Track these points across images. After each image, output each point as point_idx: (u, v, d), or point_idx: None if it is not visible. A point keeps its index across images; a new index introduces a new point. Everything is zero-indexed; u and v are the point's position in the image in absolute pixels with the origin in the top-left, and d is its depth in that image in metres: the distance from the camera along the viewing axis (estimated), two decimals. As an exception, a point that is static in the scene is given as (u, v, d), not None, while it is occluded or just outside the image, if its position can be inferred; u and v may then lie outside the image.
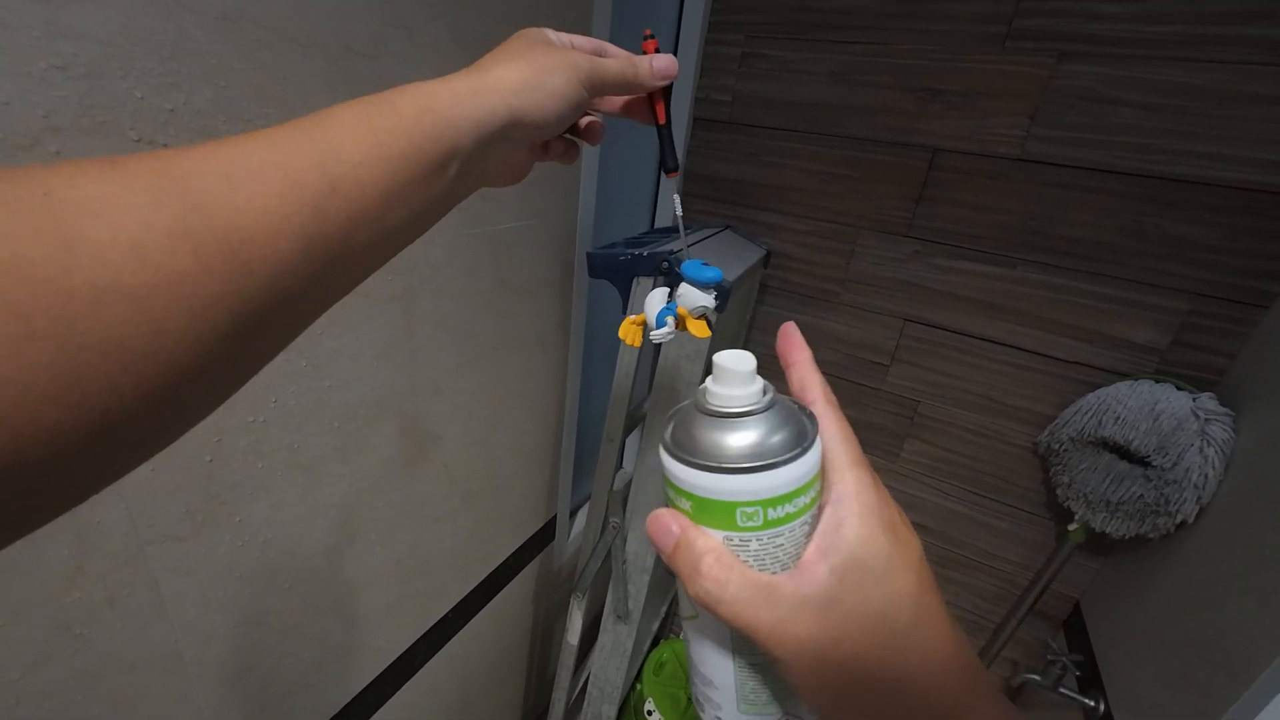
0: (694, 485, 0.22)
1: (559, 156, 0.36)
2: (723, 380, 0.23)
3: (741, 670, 0.25)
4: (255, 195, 0.17)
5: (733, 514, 0.22)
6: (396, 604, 0.85)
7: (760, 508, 0.21)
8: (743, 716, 0.25)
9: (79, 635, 0.47)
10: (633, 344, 0.39)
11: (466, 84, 0.25)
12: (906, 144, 1.07)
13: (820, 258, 1.22)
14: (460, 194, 0.27)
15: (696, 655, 0.26)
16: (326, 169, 0.19)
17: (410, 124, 0.22)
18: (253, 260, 0.17)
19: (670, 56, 0.34)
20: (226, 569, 0.58)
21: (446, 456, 0.86)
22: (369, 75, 0.56)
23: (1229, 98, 0.84)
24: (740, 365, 0.23)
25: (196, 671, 0.58)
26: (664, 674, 1.42)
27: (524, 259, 0.88)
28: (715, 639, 0.25)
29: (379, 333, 0.67)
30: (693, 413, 0.24)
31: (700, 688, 0.26)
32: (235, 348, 0.17)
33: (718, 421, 0.23)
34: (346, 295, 0.23)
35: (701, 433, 0.23)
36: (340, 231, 0.20)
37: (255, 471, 0.58)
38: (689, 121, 1.24)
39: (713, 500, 0.22)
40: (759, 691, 0.25)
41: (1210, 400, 0.87)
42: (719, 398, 0.23)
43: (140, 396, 0.15)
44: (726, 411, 0.23)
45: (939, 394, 1.18)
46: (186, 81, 0.42)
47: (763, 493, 0.21)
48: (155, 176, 0.16)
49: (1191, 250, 0.92)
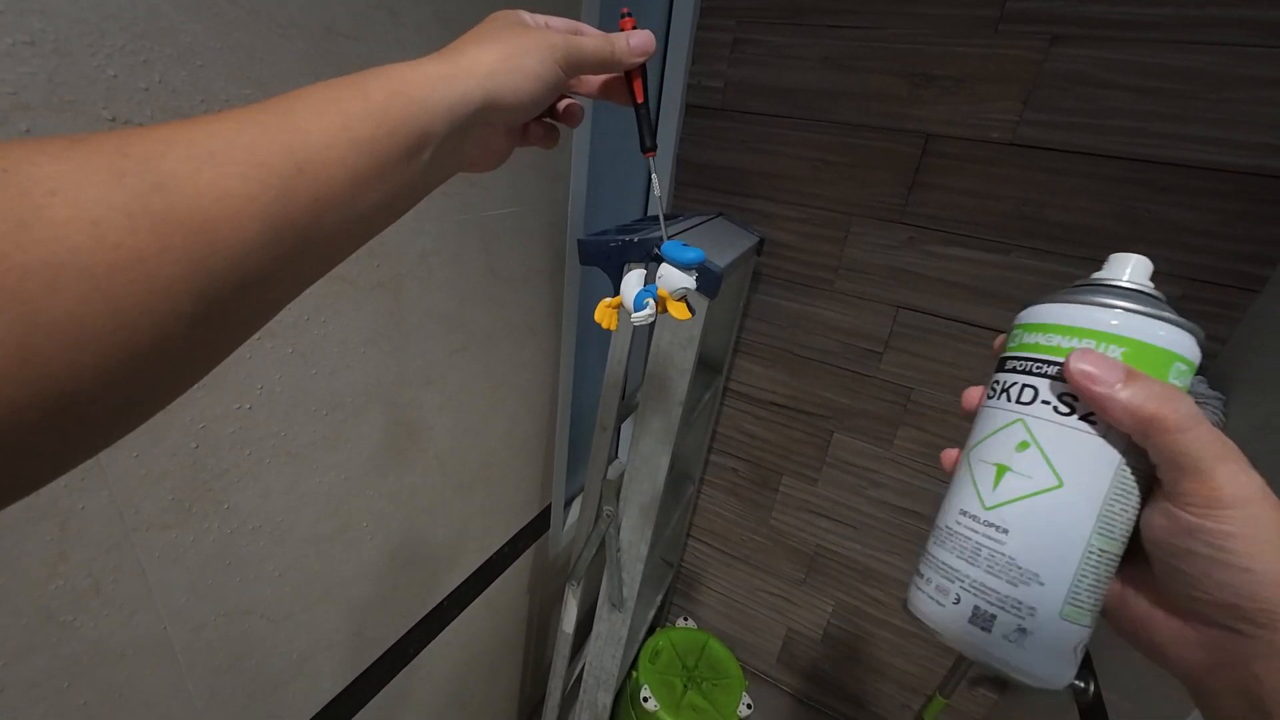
0: (1146, 333, 0.22)
1: (539, 140, 0.35)
2: (1142, 273, 0.24)
3: (1091, 554, 0.22)
4: (219, 176, 0.17)
5: (1169, 367, 0.22)
6: (389, 593, 0.85)
7: (1190, 369, 0.22)
8: (1059, 624, 0.22)
9: (64, 623, 0.47)
10: (608, 327, 0.39)
11: (439, 67, 0.25)
12: (900, 130, 1.07)
13: (814, 245, 1.21)
14: (436, 179, 0.26)
15: (1020, 542, 0.23)
16: (293, 150, 0.19)
17: (380, 107, 0.22)
18: (216, 241, 0.17)
19: (647, 32, 0.33)
20: (215, 557, 0.58)
21: (438, 446, 0.86)
22: (351, 57, 0.56)
23: (1223, 81, 0.84)
24: (1151, 266, 0.25)
25: (187, 659, 0.58)
26: (660, 661, 1.43)
27: (514, 246, 0.88)
28: (1073, 509, 0.22)
29: (366, 320, 0.67)
30: (1120, 287, 0.24)
31: (1002, 590, 0.23)
32: (199, 329, 0.17)
33: (1150, 296, 0.24)
34: (320, 279, 0.23)
35: (1139, 300, 0.23)
36: (308, 214, 0.20)
37: (243, 459, 0.58)
38: (681, 109, 1.23)
39: (1156, 348, 0.22)
40: (1093, 591, 0.23)
41: (1201, 384, 0.88)
42: (1145, 284, 0.24)
43: (101, 376, 0.15)
44: (1153, 291, 0.24)
45: (932, 381, 1.18)
46: (160, 60, 0.42)
47: (1195, 356, 0.22)
48: (116, 156, 0.16)
49: (1184, 235, 0.92)
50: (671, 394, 0.89)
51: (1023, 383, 0.24)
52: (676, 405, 0.89)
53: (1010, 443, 0.24)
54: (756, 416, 1.43)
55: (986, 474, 0.24)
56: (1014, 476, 0.23)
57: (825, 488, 1.40)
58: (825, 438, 1.36)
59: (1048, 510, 0.22)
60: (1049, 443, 0.23)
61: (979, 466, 0.25)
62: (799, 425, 1.38)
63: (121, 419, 0.17)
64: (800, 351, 1.31)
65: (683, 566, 1.72)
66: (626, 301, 0.37)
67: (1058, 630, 0.22)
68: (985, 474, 0.24)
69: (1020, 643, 0.23)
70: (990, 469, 0.24)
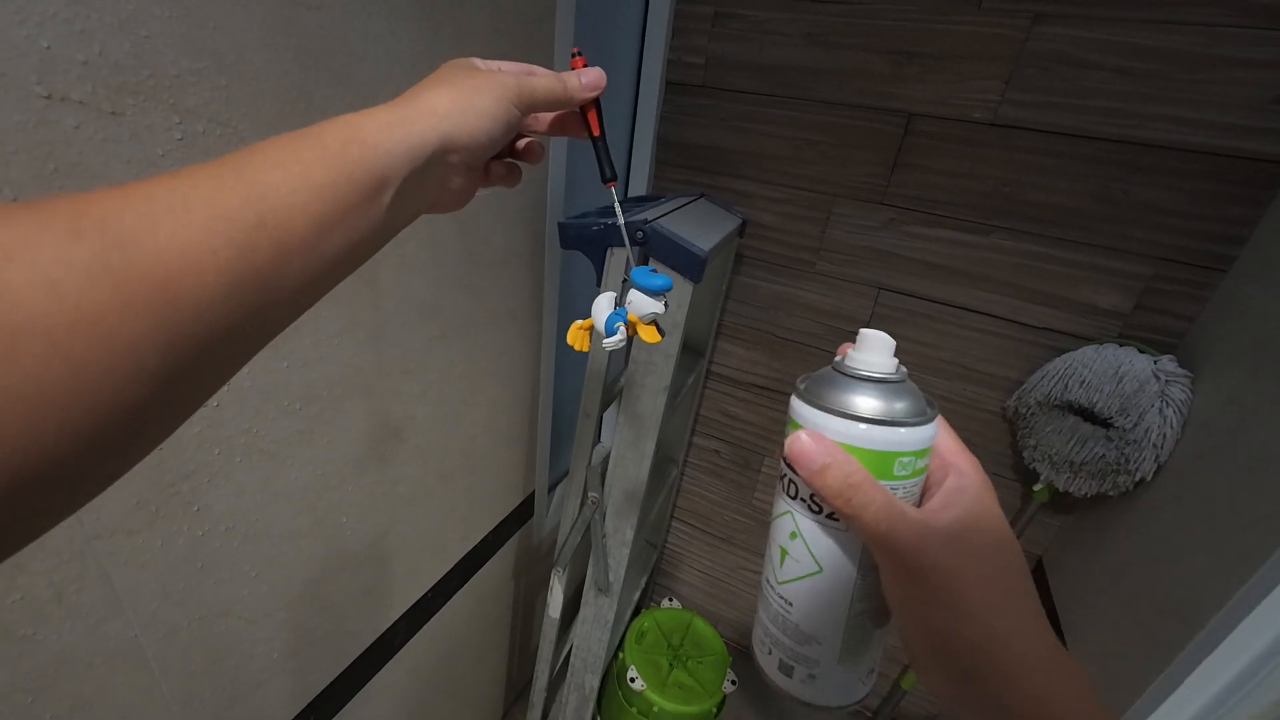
0: (861, 439, 0.25)
1: (501, 179, 0.36)
2: (881, 351, 0.26)
3: (854, 618, 0.27)
4: (179, 229, 0.17)
5: (891, 463, 0.25)
6: (372, 587, 0.84)
7: (914, 458, 0.25)
8: (839, 669, 0.27)
9: (24, 636, 0.44)
10: (581, 349, 0.40)
11: (392, 114, 0.26)
12: (882, 109, 1.06)
13: (796, 226, 1.21)
14: (399, 222, 0.27)
15: (801, 613, 0.27)
16: (253, 201, 0.19)
17: (337, 154, 0.23)
18: (179, 295, 0.17)
19: (598, 70, 0.35)
20: (186, 560, 0.56)
21: (419, 437, 0.84)
22: (313, 27, 0.52)
23: (1197, 61, 0.85)
24: (890, 342, 0.26)
25: (160, 665, 0.56)
26: (645, 642, 1.45)
27: (492, 230, 0.85)
28: (833, 588, 0.27)
29: (338, 309, 0.64)
30: (847, 378, 0.26)
31: (793, 648, 0.28)
32: (166, 385, 0.17)
33: (880, 386, 0.26)
34: (290, 325, 0.23)
35: (866, 394, 0.25)
36: (271, 263, 0.20)
37: (212, 458, 0.55)
38: (661, 86, 1.19)
39: (876, 451, 0.25)
40: (863, 642, 0.27)
41: (1170, 362, 0.90)
42: (878, 366, 0.26)
43: (63, 438, 0.15)
44: (886, 377, 0.26)
45: (912, 362, 1.20)
46: (99, 30, 0.38)
47: (919, 444, 0.25)
48: (73, 216, 0.16)
49: (1157, 215, 0.94)
50: (656, 379, 0.88)
51: (789, 476, 0.27)
52: (661, 390, 0.88)
53: (785, 530, 0.28)
54: (739, 399, 1.43)
55: (775, 553, 0.28)
56: (790, 560, 0.27)
57: (807, 468, 1.42)
58: (807, 419, 1.37)
59: (816, 589, 0.27)
60: (809, 534, 0.27)
61: (772, 544, 0.29)
62: (780, 406, 1.39)
63: (88, 482, 0.17)
64: (782, 334, 1.31)
65: (667, 548, 1.73)
66: (598, 324, 0.38)
67: (839, 673, 0.27)
68: (775, 552, 0.28)
69: (813, 685, 0.28)
70: (777, 549, 0.28)
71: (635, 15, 1.13)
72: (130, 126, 0.42)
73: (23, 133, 0.36)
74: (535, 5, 0.79)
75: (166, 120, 0.44)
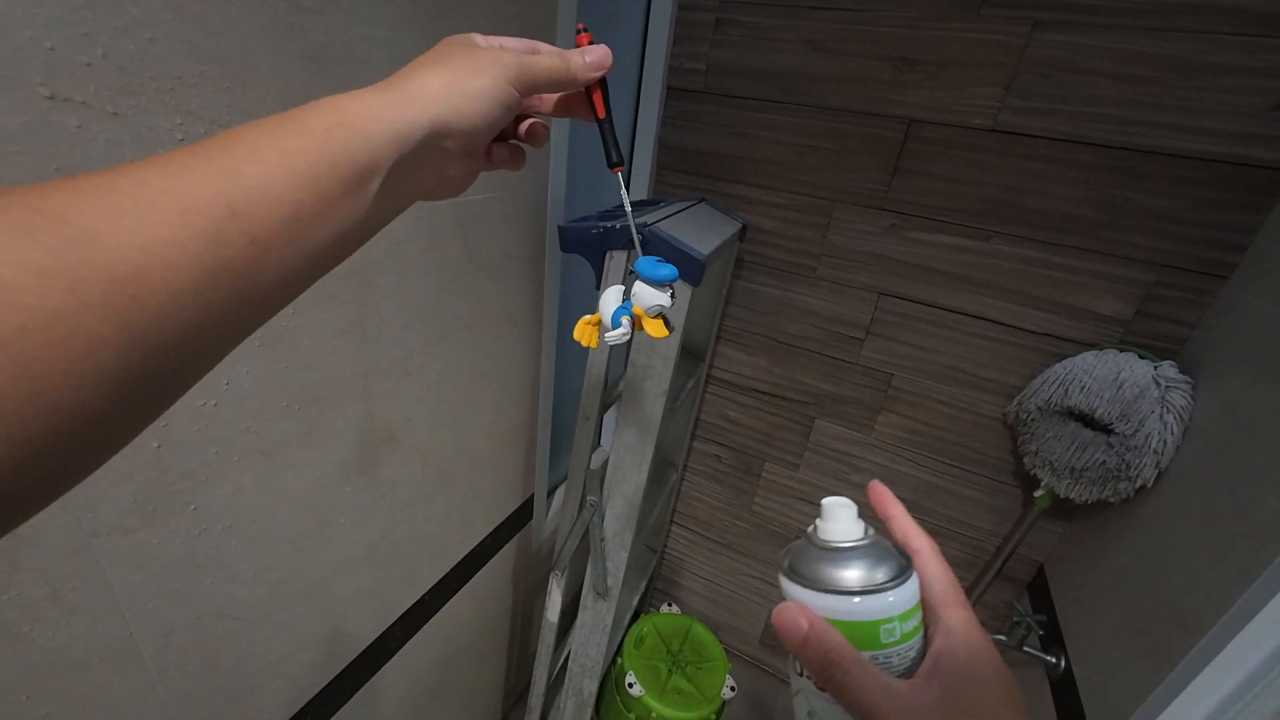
0: (843, 612, 0.25)
1: (504, 163, 0.34)
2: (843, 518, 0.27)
3: None
4: (141, 224, 0.16)
5: (876, 632, 0.25)
6: (370, 589, 0.84)
7: (899, 622, 0.25)
8: None
9: (20, 635, 0.44)
10: (588, 344, 0.38)
11: (381, 96, 0.24)
12: (883, 115, 1.06)
13: (797, 232, 1.21)
14: (389, 211, 0.26)
15: None
16: (225, 191, 0.18)
17: (319, 140, 0.21)
18: (141, 294, 0.16)
19: (604, 48, 0.32)
20: (184, 559, 0.56)
21: (418, 439, 0.84)
22: (317, 31, 0.52)
23: (1197, 68, 0.85)
24: (852, 507, 0.27)
25: (157, 666, 0.56)
26: (644, 647, 1.44)
27: (492, 233, 0.85)
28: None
29: (338, 311, 0.64)
30: (819, 550, 0.27)
31: None
32: (129, 387, 0.16)
33: (849, 554, 0.26)
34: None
35: (838, 565, 0.26)
36: (245, 257, 0.19)
37: (210, 458, 0.55)
38: (662, 91, 1.20)
39: (858, 622, 0.25)
40: None
41: (1171, 368, 0.90)
42: (845, 534, 0.27)
43: (16, 445, 0.14)
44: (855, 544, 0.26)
45: (912, 367, 1.20)
46: (103, 33, 0.38)
47: (902, 606, 0.25)
48: (27, 211, 0.15)
49: (1158, 221, 0.94)
50: (655, 383, 0.88)
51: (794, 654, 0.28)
52: (660, 394, 0.88)
53: (804, 708, 0.28)
54: (739, 403, 1.43)
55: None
56: None
57: (807, 473, 1.42)
58: (807, 424, 1.37)
59: None
60: (823, 711, 0.27)
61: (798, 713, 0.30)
62: (781, 411, 1.39)
63: (46, 489, 0.16)
64: (782, 338, 1.31)
65: (666, 553, 1.73)
66: (605, 318, 0.36)
67: None
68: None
69: None
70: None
71: (637, 21, 1.14)
72: (133, 128, 0.42)
73: (26, 133, 0.37)
74: (536, 13, 0.80)
75: (169, 122, 0.44)
